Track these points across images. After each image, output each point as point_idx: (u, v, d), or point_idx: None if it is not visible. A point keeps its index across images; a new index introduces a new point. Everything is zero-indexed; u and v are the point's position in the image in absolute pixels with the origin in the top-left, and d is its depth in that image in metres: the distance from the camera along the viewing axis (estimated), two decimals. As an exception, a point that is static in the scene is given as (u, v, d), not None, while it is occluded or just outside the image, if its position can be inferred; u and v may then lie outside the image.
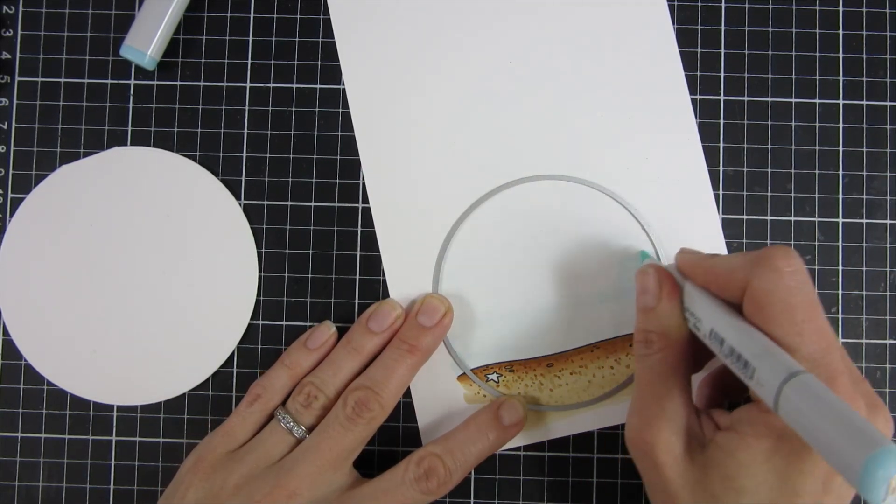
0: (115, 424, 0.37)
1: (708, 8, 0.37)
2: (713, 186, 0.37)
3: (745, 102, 0.37)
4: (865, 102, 0.37)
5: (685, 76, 0.37)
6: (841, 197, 0.37)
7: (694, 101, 0.37)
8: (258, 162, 0.37)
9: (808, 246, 0.36)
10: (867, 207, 0.37)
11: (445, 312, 0.35)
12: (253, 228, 0.37)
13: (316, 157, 0.37)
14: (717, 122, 0.37)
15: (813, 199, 0.37)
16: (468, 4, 0.37)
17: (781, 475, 0.26)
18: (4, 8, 0.38)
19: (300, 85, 0.37)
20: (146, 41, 0.36)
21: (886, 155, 0.37)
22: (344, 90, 0.37)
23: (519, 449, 0.36)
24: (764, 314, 0.26)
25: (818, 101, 0.37)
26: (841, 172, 0.37)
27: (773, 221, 0.37)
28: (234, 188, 0.37)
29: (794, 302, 0.26)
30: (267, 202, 0.37)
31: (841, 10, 0.37)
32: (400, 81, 0.37)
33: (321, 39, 0.37)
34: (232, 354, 0.37)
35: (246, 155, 0.37)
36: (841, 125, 0.37)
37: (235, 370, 0.37)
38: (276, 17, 0.37)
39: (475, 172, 0.37)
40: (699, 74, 0.37)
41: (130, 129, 0.37)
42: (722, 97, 0.37)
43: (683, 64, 0.37)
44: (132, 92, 0.37)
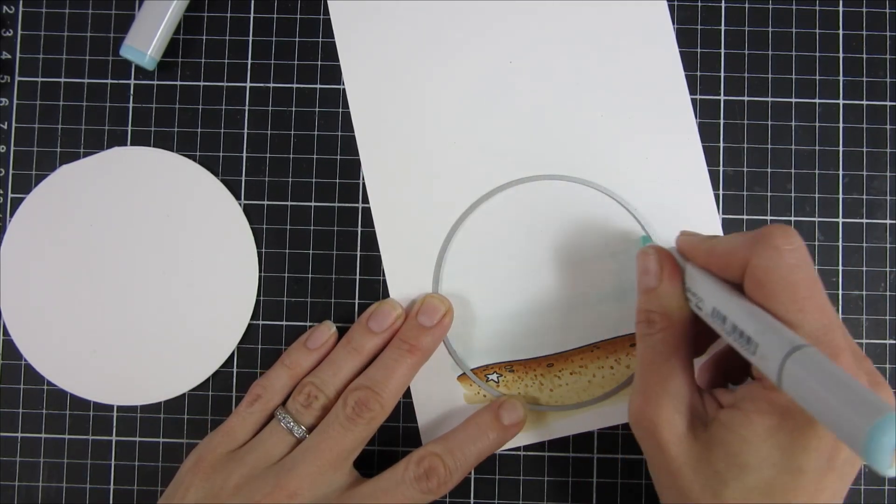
0: (115, 424, 0.37)
1: (708, 8, 0.37)
2: (713, 186, 0.37)
3: (745, 102, 0.37)
4: (865, 102, 0.37)
5: (685, 76, 0.37)
6: (841, 197, 0.37)
7: (694, 101, 0.37)
8: (258, 162, 0.37)
9: (808, 246, 0.36)
10: (867, 207, 0.37)
11: (446, 312, 0.35)
12: (253, 228, 0.37)
13: (316, 157, 0.37)
14: (717, 122, 0.37)
15: (813, 199, 0.37)
16: (468, 4, 0.37)
17: (785, 451, 0.26)
18: (4, 8, 0.38)
19: (300, 85, 0.37)
20: (146, 41, 0.36)
21: (886, 155, 0.37)
22: (344, 90, 0.37)
23: (519, 449, 0.36)
24: (765, 292, 0.26)
25: (818, 101, 0.37)
26: (841, 172, 0.37)
27: (773, 221, 0.36)
28: (234, 188, 0.37)
29: (794, 279, 0.26)
30: (267, 202, 0.37)
31: (841, 10, 0.37)
32: (400, 81, 0.37)
33: (321, 39, 0.37)
34: (232, 354, 0.37)
35: (246, 155, 0.37)
36: (841, 125, 0.37)
37: (235, 370, 0.37)
38: (276, 17, 0.37)
39: (475, 172, 0.37)
40: (699, 74, 0.37)
41: (130, 129, 0.37)
42: (722, 97, 0.37)
43: (683, 64, 0.37)
44: (132, 92, 0.37)
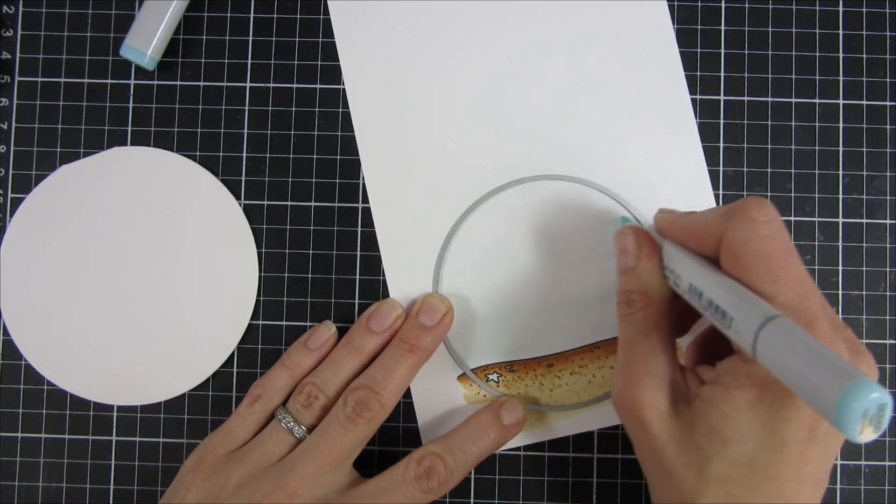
0: (115, 424, 0.37)
1: (708, 8, 0.37)
2: (713, 186, 0.37)
3: (745, 102, 0.37)
4: (865, 102, 0.37)
5: (685, 76, 0.37)
6: (841, 197, 0.37)
7: (694, 101, 0.37)
8: (258, 162, 0.37)
9: (808, 246, 0.36)
10: (867, 207, 0.37)
11: (446, 312, 0.35)
12: (253, 228, 0.37)
13: (316, 157, 0.37)
14: (717, 122, 0.37)
15: (813, 199, 0.37)
16: (468, 4, 0.37)
17: (766, 424, 0.25)
18: (4, 8, 0.38)
19: (300, 85, 0.37)
20: (146, 41, 0.36)
21: (886, 155, 0.37)
22: (344, 90, 0.37)
23: (519, 449, 0.36)
24: (740, 264, 0.26)
25: (818, 101, 0.37)
26: (841, 172, 0.37)
27: (773, 221, 0.36)
28: (234, 188, 0.37)
29: (769, 250, 0.26)
30: (267, 202, 0.37)
31: (841, 10, 0.37)
32: (400, 81, 0.37)
33: (321, 39, 0.37)
34: (232, 354, 0.37)
35: (246, 155, 0.37)
36: (841, 125, 0.37)
37: (235, 370, 0.37)
38: (276, 17, 0.37)
39: (475, 172, 0.37)
40: (699, 74, 0.37)
41: (130, 129, 0.37)
42: (722, 97, 0.37)
43: (683, 64, 0.37)
44: (132, 92, 0.37)
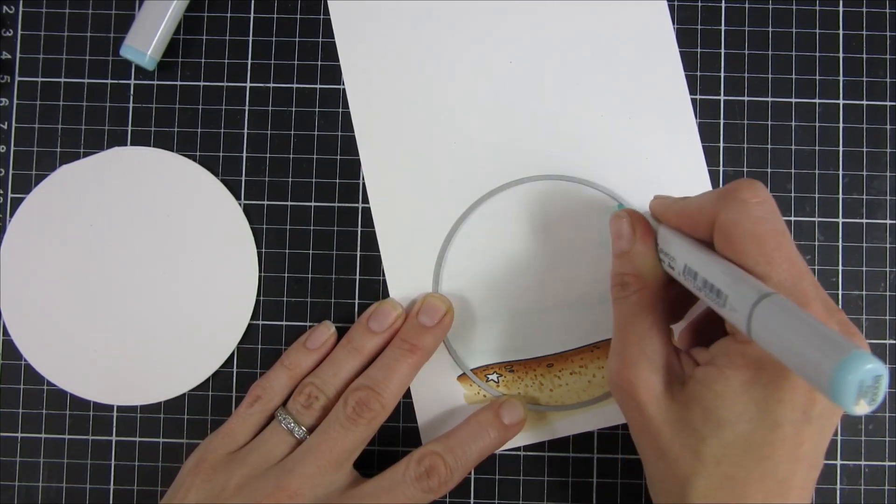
0: (115, 424, 0.37)
1: (708, 8, 0.37)
2: (713, 186, 0.37)
3: (745, 102, 0.37)
4: (865, 102, 0.37)
5: (685, 76, 0.37)
6: (841, 197, 0.37)
7: (694, 101, 0.37)
8: (258, 162, 0.37)
9: (808, 246, 0.36)
10: (867, 207, 0.37)
11: (446, 312, 0.35)
12: (253, 228, 0.37)
13: (316, 157, 0.37)
14: (717, 122, 0.37)
15: (813, 199, 0.37)
16: (468, 5, 0.37)
17: (761, 405, 0.26)
18: (4, 8, 0.38)
19: (300, 85, 0.37)
20: (146, 41, 0.36)
21: (886, 155, 0.37)
22: (344, 90, 0.37)
23: (519, 449, 0.36)
24: (734, 246, 0.26)
25: (818, 101, 0.37)
26: (841, 172, 0.37)
27: (773, 221, 0.36)
28: (234, 188, 0.37)
29: (761, 231, 0.26)
30: (267, 202, 0.37)
31: (841, 10, 0.37)
32: (400, 81, 0.37)
33: (321, 39, 0.37)
34: (232, 354, 0.37)
35: (246, 155, 0.37)
36: (841, 125, 0.37)
37: (235, 370, 0.37)
38: (276, 17, 0.37)
39: (475, 172, 0.37)
40: (699, 74, 0.37)
41: (130, 129, 0.37)
42: (722, 97, 0.37)
43: (683, 64, 0.37)
44: (132, 92, 0.37)
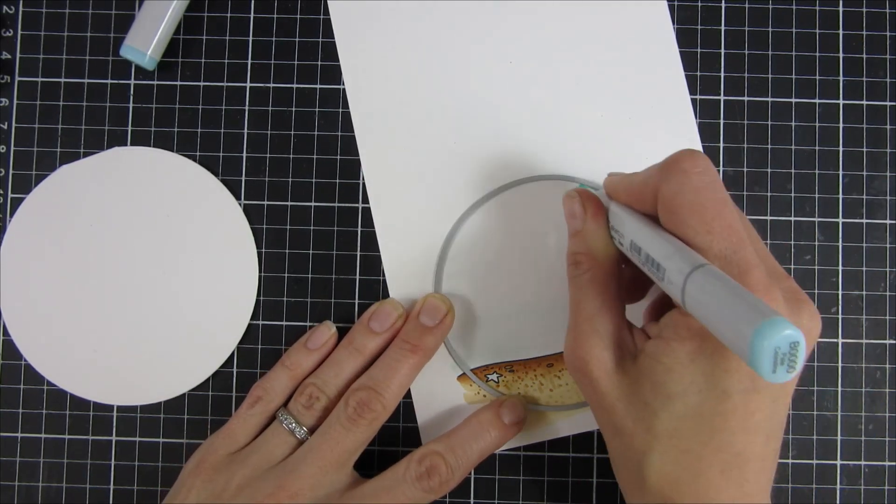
0: (115, 424, 0.37)
1: (708, 8, 0.37)
2: (713, 186, 0.37)
3: (745, 102, 0.37)
4: (865, 102, 0.37)
5: (685, 76, 0.37)
6: (841, 197, 0.37)
7: (694, 101, 0.37)
8: (258, 162, 0.37)
9: (808, 246, 0.36)
10: (867, 207, 0.37)
11: (447, 312, 0.35)
12: (253, 228, 0.37)
13: (316, 157, 0.37)
14: (717, 122, 0.37)
15: (813, 199, 0.37)
16: (468, 5, 0.37)
17: (708, 376, 0.25)
18: (4, 8, 0.38)
19: (300, 85, 0.37)
20: (146, 41, 0.36)
21: (886, 155, 0.37)
22: (344, 90, 0.37)
23: (519, 449, 0.36)
24: (675, 217, 0.26)
25: (818, 101, 0.37)
26: (841, 172, 0.37)
27: (772, 221, 0.37)
28: (234, 188, 0.37)
29: (701, 201, 0.26)
30: (267, 202, 0.37)
31: (841, 10, 0.37)
32: (400, 81, 0.37)
33: (321, 39, 0.37)
34: (232, 354, 0.37)
35: (246, 155, 0.37)
36: (841, 125, 0.37)
37: (235, 370, 0.37)
38: (276, 17, 0.37)
39: (475, 172, 0.37)
40: (699, 74, 0.37)
41: (130, 129, 0.37)
42: (722, 97, 0.37)
43: (683, 64, 0.37)
44: (132, 92, 0.37)
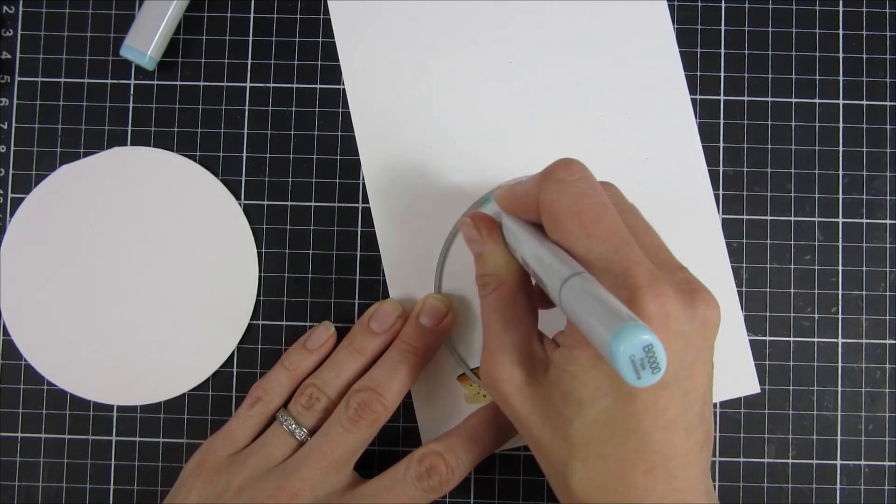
0: (115, 424, 0.37)
1: (708, 8, 0.37)
2: (713, 186, 0.37)
3: (745, 102, 0.37)
4: (865, 102, 0.37)
5: (685, 76, 0.37)
6: (841, 197, 0.37)
7: (694, 101, 0.37)
8: (258, 162, 0.37)
9: (808, 246, 0.36)
10: (867, 207, 0.37)
11: (447, 313, 0.35)
12: (253, 228, 0.37)
13: (316, 157, 0.37)
14: (717, 122, 0.37)
15: (813, 199, 0.37)
16: (468, 5, 0.37)
17: (612, 379, 0.25)
18: (4, 8, 0.38)
19: (300, 85, 0.37)
20: (146, 41, 0.36)
21: (886, 155, 0.37)
22: (344, 90, 0.37)
23: (519, 449, 0.36)
24: (556, 225, 0.26)
25: (818, 101, 0.37)
26: (841, 172, 0.37)
27: (773, 221, 0.37)
28: (234, 188, 0.37)
29: (579, 206, 0.26)
30: (267, 202, 0.37)
31: (841, 10, 0.37)
32: (400, 81, 0.37)
33: (321, 39, 0.37)
34: (232, 354, 0.37)
35: (246, 155, 0.37)
36: (841, 125, 0.37)
37: (235, 370, 0.37)
38: (276, 17, 0.37)
39: (475, 172, 0.37)
40: (699, 74, 0.37)
41: (130, 129, 0.37)
42: (722, 97, 0.37)
43: (683, 64, 0.37)
44: (132, 92, 0.37)
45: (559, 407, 0.26)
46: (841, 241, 0.37)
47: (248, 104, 0.37)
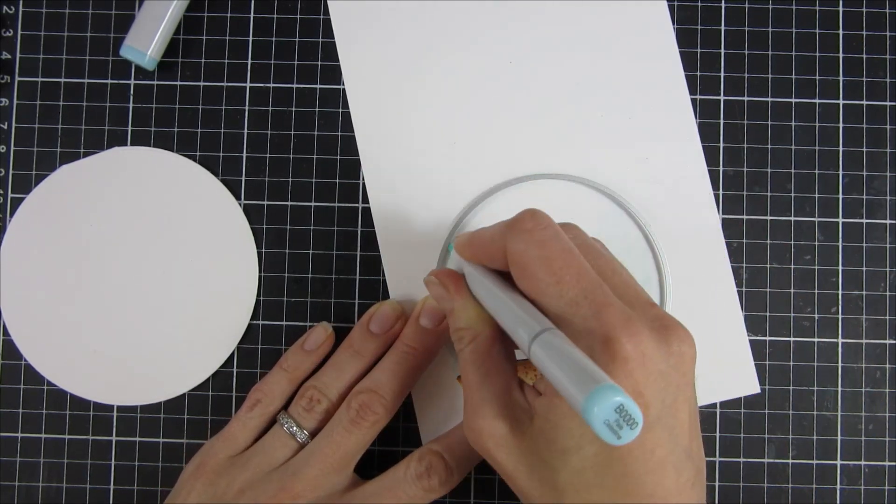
0: (115, 424, 0.37)
1: (708, 8, 0.37)
2: (713, 186, 0.37)
3: (745, 102, 0.37)
4: (865, 102, 0.37)
5: (685, 76, 0.37)
6: (841, 197, 0.37)
7: (694, 101, 0.37)
8: (258, 162, 0.37)
9: (808, 246, 0.36)
10: (867, 207, 0.37)
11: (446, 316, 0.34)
12: (253, 228, 0.37)
13: (316, 157, 0.37)
14: (717, 122, 0.37)
15: (813, 199, 0.37)
16: (468, 4, 0.37)
17: None
18: (4, 8, 0.38)
19: (300, 85, 0.37)
20: (146, 41, 0.36)
21: (886, 155, 0.37)
22: (344, 90, 0.37)
23: (519, 449, 0.36)
24: (525, 273, 0.26)
25: (818, 101, 0.37)
26: (841, 172, 0.37)
27: (772, 221, 0.37)
28: (234, 188, 0.37)
29: (547, 254, 0.26)
30: (267, 202, 0.37)
31: (841, 10, 0.37)
32: (400, 81, 0.37)
33: (321, 39, 0.37)
34: (232, 354, 0.37)
35: (246, 155, 0.37)
36: (841, 125, 0.37)
37: (235, 370, 0.37)
38: (276, 17, 0.37)
39: (475, 172, 0.37)
40: (699, 74, 0.37)
41: (130, 129, 0.37)
42: (722, 97, 0.37)
43: (683, 64, 0.37)
44: (132, 92, 0.37)
45: (545, 456, 0.26)
46: (841, 241, 0.37)
47: (248, 104, 0.37)
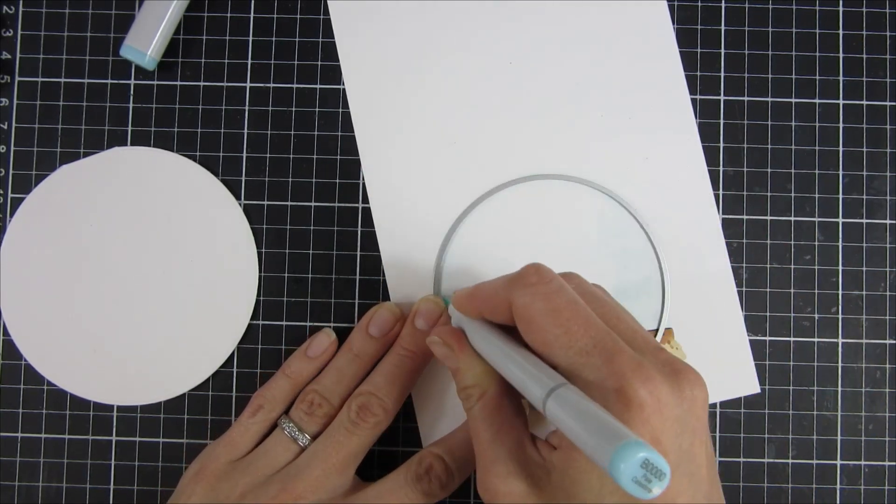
0: (115, 424, 0.37)
1: (708, 8, 0.37)
2: (713, 186, 0.37)
3: (745, 102, 0.37)
4: (865, 102, 0.37)
5: (685, 76, 0.37)
6: (841, 197, 0.37)
7: (694, 101, 0.37)
8: (258, 162, 0.37)
9: (808, 246, 0.36)
10: (867, 207, 0.37)
11: (441, 314, 0.34)
12: (253, 228, 0.37)
13: (316, 157, 0.37)
14: (716, 122, 0.37)
15: (813, 199, 0.37)
16: (468, 4, 0.37)
17: None
18: (4, 8, 0.38)
19: (300, 85, 0.37)
20: (146, 41, 0.36)
21: (886, 155, 0.37)
22: (344, 90, 0.37)
23: (519, 449, 0.36)
24: (532, 326, 0.26)
25: (818, 101, 0.37)
26: (841, 172, 0.37)
27: (772, 221, 0.37)
28: (234, 188, 0.37)
29: (553, 306, 0.26)
30: (267, 202, 0.37)
31: (841, 10, 0.37)
32: (400, 81, 0.37)
33: (321, 39, 0.37)
34: (232, 354, 0.37)
35: (246, 155, 0.37)
36: (841, 125, 0.37)
37: (235, 370, 0.37)
38: (276, 17, 0.37)
39: (475, 172, 0.37)
40: (699, 74, 0.37)
41: (130, 129, 0.37)
42: (722, 97, 0.37)
43: (683, 64, 0.37)
44: (132, 92, 0.37)
45: None
46: (841, 241, 0.37)
47: (248, 104, 0.37)
